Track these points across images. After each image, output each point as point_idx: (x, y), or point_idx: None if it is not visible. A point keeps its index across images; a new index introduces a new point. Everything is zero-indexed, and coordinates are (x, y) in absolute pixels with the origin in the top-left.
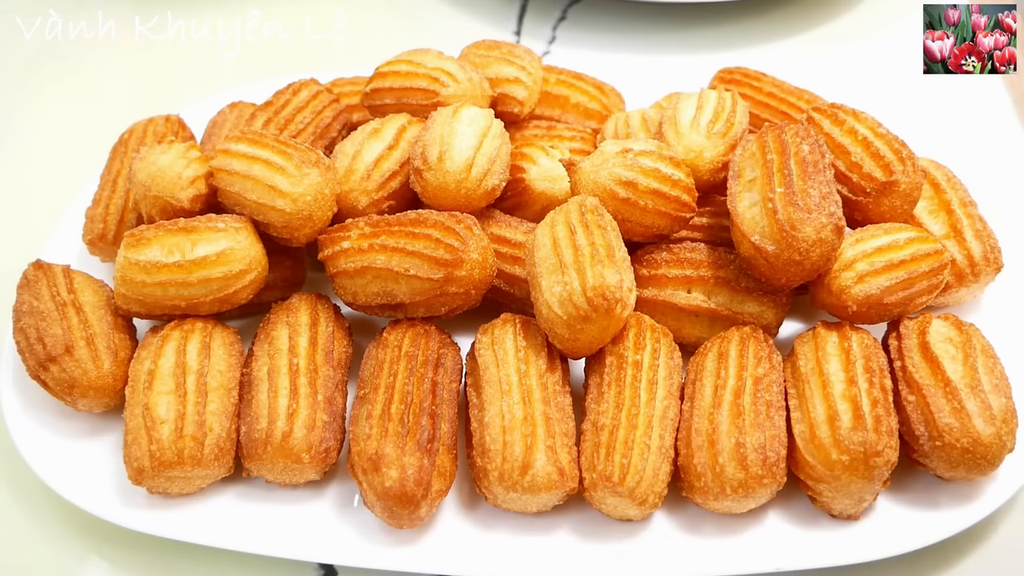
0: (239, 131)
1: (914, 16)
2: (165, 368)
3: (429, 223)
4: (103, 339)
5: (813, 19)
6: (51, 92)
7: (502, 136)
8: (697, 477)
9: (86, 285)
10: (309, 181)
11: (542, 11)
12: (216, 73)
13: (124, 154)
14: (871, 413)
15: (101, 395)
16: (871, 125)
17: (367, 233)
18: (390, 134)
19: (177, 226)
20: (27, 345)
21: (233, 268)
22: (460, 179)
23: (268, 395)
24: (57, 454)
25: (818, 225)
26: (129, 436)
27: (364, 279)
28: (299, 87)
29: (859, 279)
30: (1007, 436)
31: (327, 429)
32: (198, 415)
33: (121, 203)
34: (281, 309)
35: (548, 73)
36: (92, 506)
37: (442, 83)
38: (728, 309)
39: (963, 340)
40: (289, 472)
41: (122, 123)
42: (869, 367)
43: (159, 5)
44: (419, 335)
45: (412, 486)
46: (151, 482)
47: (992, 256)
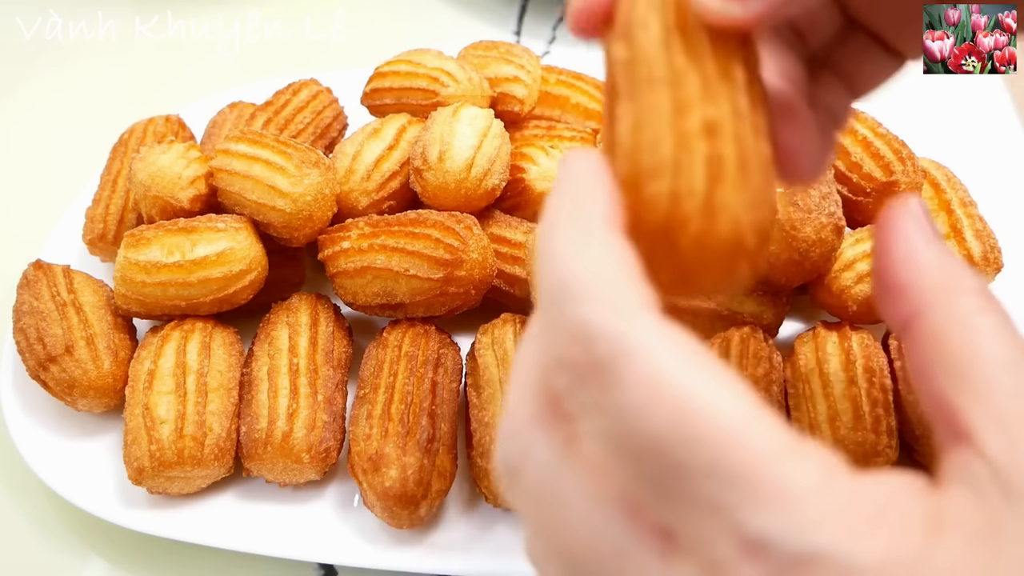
0: (239, 131)
1: None
2: (165, 368)
3: (429, 223)
4: (103, 339)
5: None
6: (51, 92)
7: (502, 136)
8: None
9: (86, 285)
10: (309, 181)
11: (542, 11)
12: (216, 73)
13: (124, 154)
14: (871, 413)
15: (101, 395)
16: (871, 125)
17: (367, 233)
18: (390, 134)
19: (177, 226)
20: (27, 345)
21: (233, 268)
22: (460, 179)
23: (268, 395)
24: (57, 454)
25: (818, 225)
26: (129, 436)
27: (364, 279)
28: (299, 87)
29: (859, 279)
30: None
31: (327, 429)
32: (198, 415)
33: (121, 203)
34: (281, 309)
35: (548, 73)
36: (92, 506)
37: (442, 83)
38: (728, 309)
39: None
40: (289, 472)
41: (122, 123)
42: (869, 367)
43: (159, 5)
44: (419, 335)
45: (412, 486)
46: (151, 482)
47: (992, 256)
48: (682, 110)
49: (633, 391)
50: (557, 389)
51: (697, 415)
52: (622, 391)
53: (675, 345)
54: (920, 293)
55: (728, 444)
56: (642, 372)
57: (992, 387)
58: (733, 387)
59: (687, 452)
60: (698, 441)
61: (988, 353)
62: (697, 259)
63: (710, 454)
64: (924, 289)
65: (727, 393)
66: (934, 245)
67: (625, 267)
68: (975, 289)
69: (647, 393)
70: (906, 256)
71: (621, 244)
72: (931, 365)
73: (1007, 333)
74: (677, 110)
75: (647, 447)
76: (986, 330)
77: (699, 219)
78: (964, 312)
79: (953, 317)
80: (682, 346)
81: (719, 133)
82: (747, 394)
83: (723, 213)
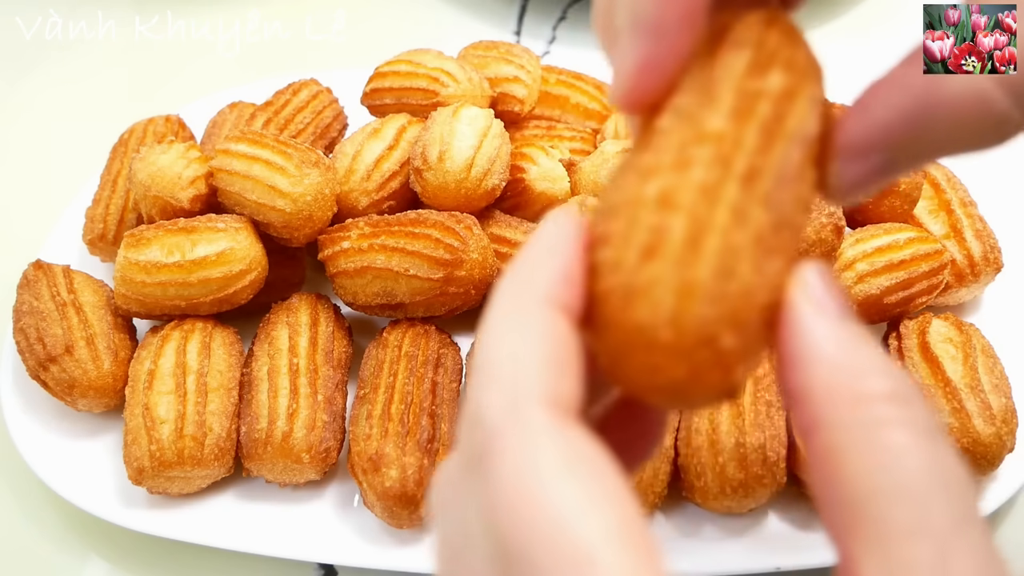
0: (239, 131)
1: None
2: (165, 368)
3: (429, 223)
4: (103, 339)
5: (813, 18)
6: (51, 92)
7: (502, 136)
8: (697, 477)
9: (86, 285)
10: (309, 181)
11: (542, 11)
12: (216, 73)
13: (124, 154)
14: None
15: (101, 395)
16: None
17: (367, 233)
18: (390, 134)
19: (177, 226)
20: (27, 345)
21: (233, 268)
22: (460, 179)
23: (268, 395)
24: (57, 454)
25: (818, 225)
26: (129, 436)
27: (364, 279)
28: (299, 87)
29: (859, 279)
30: (1007, 436)
31: (327, 429)
32: (198, 415)
33: (121, 203)
34: (281, 309)
35: (548, 73)
36: (92, 506)
37: (442, 83)
38: None
39: (963, 340)
40: (289, 472)
41: (122, 123)
42: None
43: (159, 5)
44: (419, 335)
45: (412, 486)
46: (151, 482)
47: (992, 256)
48: (646, 176)
49: (497, 487)
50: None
51: (552, 528)
52: (487, 484)
53: (557, 449)
54: (817, 400)
55: (577, 567)
56: (509, 472)
57: (892, 536)
58: (603, 504)
59: (532, 564)
60: (547, 555)
61: (891, 487)
62: (615, 348)
63: (556, 570)
64: (822, 395)
65: (592, 510)
66: (837, 331)
67: (545, 353)
68: (884, 393)
69: (510, 494)
70: (801, 352)
71: (553, 325)
72: (828, 491)
73: (919, 455)
74: (643, 176)
75: (501, 545)
76: (892, 453)
77: (617, 298)
78: (868, 427)
79: (854, 434)
80: (565, 452)
81: (672, 204)
82: (617, 512)
83: (643, 294)
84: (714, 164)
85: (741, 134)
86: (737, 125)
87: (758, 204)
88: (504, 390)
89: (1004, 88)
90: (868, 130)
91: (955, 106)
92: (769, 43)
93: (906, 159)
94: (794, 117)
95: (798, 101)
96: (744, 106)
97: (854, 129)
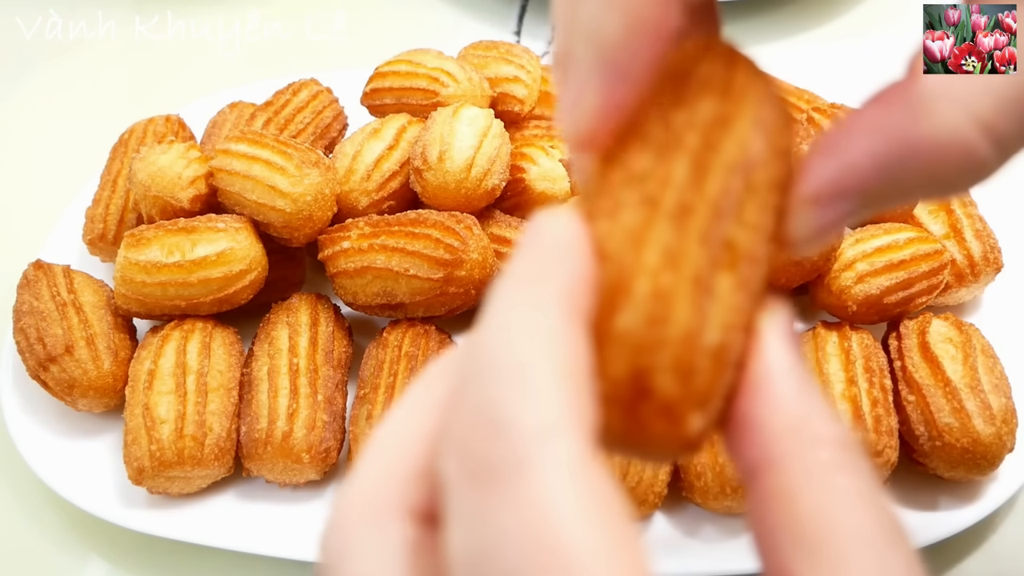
0: (239, 131)
1: (914, 15)
2: (165, 368)
3: (429, 223)
4: (103, 339)
5: (813, 18)
6: (51, 92)
7: (502, 136)
8: (697, 477)
9: (86, 285)
10: (309, 181)
11: (542, 11)
12: (216, 73)
13: (124, 154)
14: (871, 413)
15: (101, 395)
16: None
17: (367, 233)
18: (390, 134)
19: (177, 226)
20: (27, 345)
21: (233, 268)
22: (460, 179)
23: (268, 395)
24: (57, 454)
25: None
26: (129, 436)
27: (364, 279)
28: (299, 87)
29: (859, 279)
30: (1007, 436)
31: (327, 429)
32: (198, 415)
33: (121, 203)
34: (281, 309)
35: (548, 73)
36: (92, 506)
37: (442, 83)
38: None
39: (963, 340)
40: (289, 472)
41: (122, 123)
42: (869, 367)
43: (159, 5)
44: (419, 335)
45: None
46: (151, 482)
47: (992, 256)
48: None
49: (514, 510)
50: (438, 474)
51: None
52: (503, 505)
53: (585, 482)
54: (770, 436)
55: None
56: (534, 494)
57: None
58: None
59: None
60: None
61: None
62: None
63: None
64: (775, 432)
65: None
66: (795, 373)
67: (575, 370)
68: (832, 439)
69: (529, 520)
70: (763, 382)
71: (574, 339)
72: (778, 531)
73: (867, 500)
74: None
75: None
76: (844, 494)
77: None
78: (820, 469)
79: (807, 475)
80: (592, 487)
81: (601, 252)
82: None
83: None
84: (641, 205)
85: (668, 170)
86: (663, 161)
87: (694, 242)
88: (540, 408)
89: (987, 137)
90: (837, 176)
91: (934, 155)
92: (701, 70)
93: (875, 204)
94: (731, 144)
95: (735, 126)
96: (670, 140)
97: (821, 175)
